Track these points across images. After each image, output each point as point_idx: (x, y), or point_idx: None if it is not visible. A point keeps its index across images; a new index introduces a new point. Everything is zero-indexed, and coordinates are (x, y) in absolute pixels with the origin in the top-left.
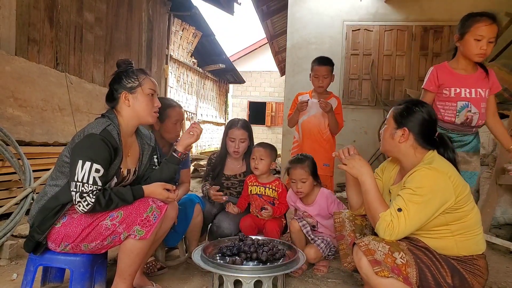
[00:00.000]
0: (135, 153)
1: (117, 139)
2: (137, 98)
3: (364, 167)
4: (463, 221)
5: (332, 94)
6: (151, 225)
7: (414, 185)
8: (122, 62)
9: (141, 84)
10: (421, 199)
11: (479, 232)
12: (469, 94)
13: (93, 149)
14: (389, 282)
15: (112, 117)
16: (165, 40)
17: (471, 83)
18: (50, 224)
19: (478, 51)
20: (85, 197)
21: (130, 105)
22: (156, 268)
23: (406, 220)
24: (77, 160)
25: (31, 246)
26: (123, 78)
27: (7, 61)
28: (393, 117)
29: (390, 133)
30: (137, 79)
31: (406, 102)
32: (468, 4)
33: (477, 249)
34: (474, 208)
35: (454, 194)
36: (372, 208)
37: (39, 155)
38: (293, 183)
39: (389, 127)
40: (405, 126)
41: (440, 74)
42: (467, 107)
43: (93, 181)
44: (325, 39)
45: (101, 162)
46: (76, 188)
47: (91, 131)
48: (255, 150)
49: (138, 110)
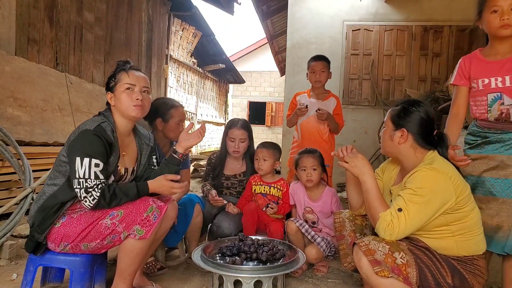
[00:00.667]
0: (132, 153)
1: (111, 135)
2: (117, 95)
3: (366, 166)
4: (464, 222)
5: (331, 93)
6: (151, 225)
7: (415, 185)
8: (120, 63)
9: (117, 81)
10: (421, 199)
11: (480, 232)
12: (501, 83)
13: (88, 144)
14: (389, 282)
15: (108, 115)
16: (165, 40)
17: (504, 70)
18: (50, 223)
19: (500, 22)
20: (90, 191)
21: (114, 104)
22: (156, 268)
23: (406, 220)
24: (75, 158)
25: (32, 246)
26: (109, 79)
27: (7, 61)
28: (391, 119)
29: (389, 134)
30: (114, 76)
31: (402, 102)
32: (468, 4)
33: (477, 250)
34: (475, 208)
35: (454, 194)
36: (372, 208)
37: (39, 155)
38: (303, 171)
39: (387, 129)
40: (403, 127)
41: (467, 64)
42: (499, 99)
43: (94, 175)
44: (325, 39)
45: (99, 157)
46: (80, 185)
47: (85, 127)
48: (258, 151)
49: (119, 107)
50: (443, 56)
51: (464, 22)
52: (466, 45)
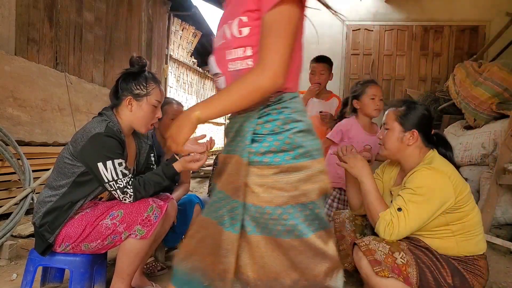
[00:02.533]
0: (132, 152)
1: (119, 135)
2: (141, 106)
3: (365, 167)
4: (464, 221)
5: (333, 94)
6: (152, 225)
7: (414, 185)
8: (136, 61)
9: (149, 94)
10: (421, 199)
11: (480, 232)
12: None
13: (106, 147)
14: (390, 282)
15: (110, 114)
16: (165, 40)
17: None
18: (60, 222)
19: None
20: (126, 191)
21: (132, 111)
22: (157, 269)
23: (406, 219)
24: (96, 164)
25: (43, 247)
26: (132, 82)
27: (6, 61)
28: (397, 120)
29: (397, 137)
30: (146, 87)
31: (403, 102)
32: (468, 4)
33: (477, 250)
34: (475, 208)
35: (454, 194)
36: (372, 208)
37: (38, 155)
38: (371, 100)
39: (394, 131)
40: (414, 127)
41: None
42: None
43: (122, 174)
44: (325, 39)
45: (119, 156)
46: (113, 187)
47: (95, 131)
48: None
49: (138, 118)
50: (443, 56)
51: (464, 22)
52: (466, 45)
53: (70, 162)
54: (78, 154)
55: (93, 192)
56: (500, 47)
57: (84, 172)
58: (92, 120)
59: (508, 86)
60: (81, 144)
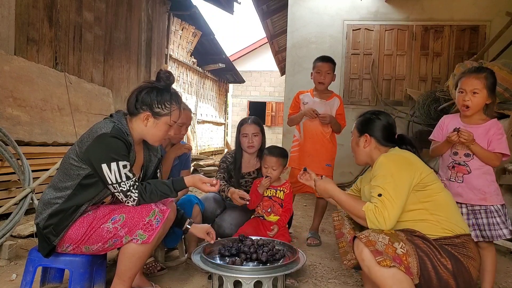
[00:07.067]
0: (139, 161)
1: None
2: (157, 125)
3: (328, 184)
4: (434, 198)
5: (334, 94)
6: (154, 229)
7: (381, 172)
8: (165, 77)
9: (168, 113)
10: (392, 179)
11: (457, 213)
12: None
13: (111, 148)
14: (392, 273)
15: (120, 119)
16: (165, 40)
17: None
18: (65, 225)
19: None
20: (129, 195)
21: (147, 126)
22: (156, 269)
23: (389, 200)
24: (101, 165)
25: (48, 249)
26: (155, 98)
27: (6, 61)
28: (356, 128)
29: (355, 142)
30: (168, 108)
31: (365, 113)
32: (469, 3)
33: (460, 229)
34: (444, 190)
35: (417, 170)
36: (354, 210)
37: (38, 155)
38: (461, 93)
39: (354, 137)
40: (366, 132)
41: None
42: None
43: (126, 177)
44: (326, 39)
45: (124, 158)
46: (116, 189)
47: (101, 131)
48: (268, 159)
49: (150, 134)
50: (443, 55)
51: (464, 21)
52: (466, 45)
53: (76, 163)
54: (83, 155)
55: (98, 196)
56: (500, 47)
57: (89, 175)
58: (100, 121)
59: (508, 86)
60: (87, 144)
